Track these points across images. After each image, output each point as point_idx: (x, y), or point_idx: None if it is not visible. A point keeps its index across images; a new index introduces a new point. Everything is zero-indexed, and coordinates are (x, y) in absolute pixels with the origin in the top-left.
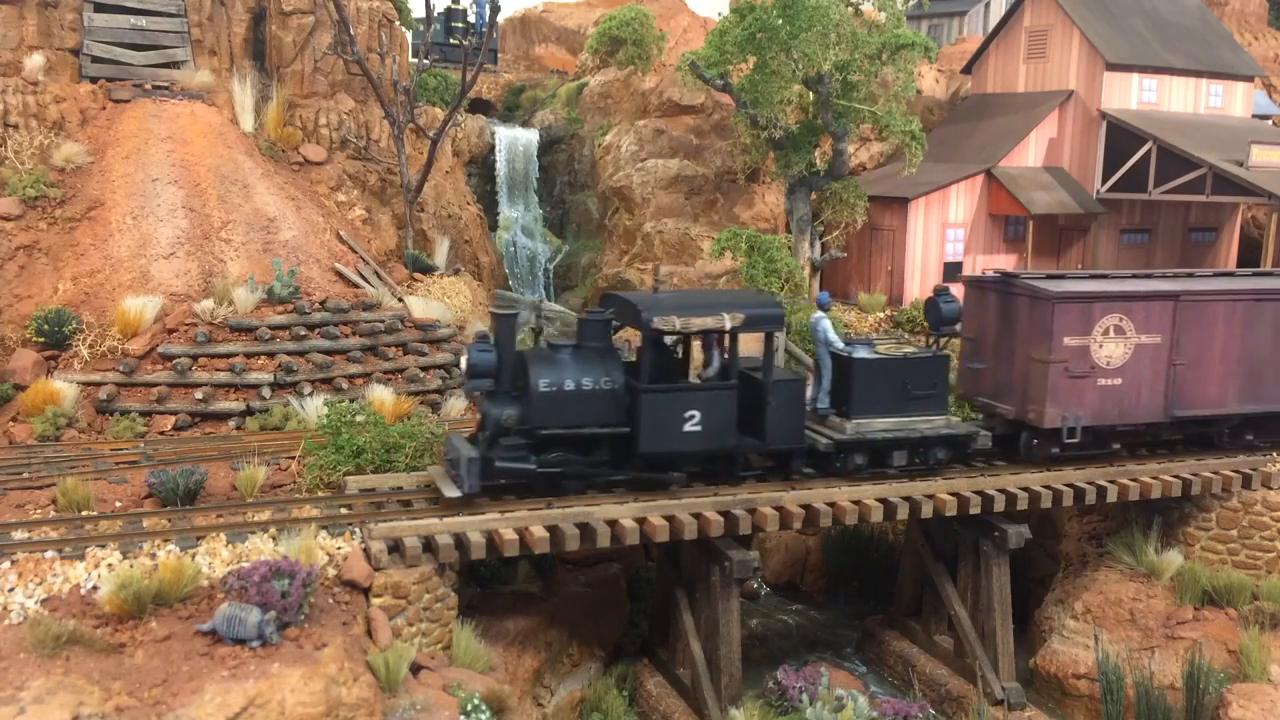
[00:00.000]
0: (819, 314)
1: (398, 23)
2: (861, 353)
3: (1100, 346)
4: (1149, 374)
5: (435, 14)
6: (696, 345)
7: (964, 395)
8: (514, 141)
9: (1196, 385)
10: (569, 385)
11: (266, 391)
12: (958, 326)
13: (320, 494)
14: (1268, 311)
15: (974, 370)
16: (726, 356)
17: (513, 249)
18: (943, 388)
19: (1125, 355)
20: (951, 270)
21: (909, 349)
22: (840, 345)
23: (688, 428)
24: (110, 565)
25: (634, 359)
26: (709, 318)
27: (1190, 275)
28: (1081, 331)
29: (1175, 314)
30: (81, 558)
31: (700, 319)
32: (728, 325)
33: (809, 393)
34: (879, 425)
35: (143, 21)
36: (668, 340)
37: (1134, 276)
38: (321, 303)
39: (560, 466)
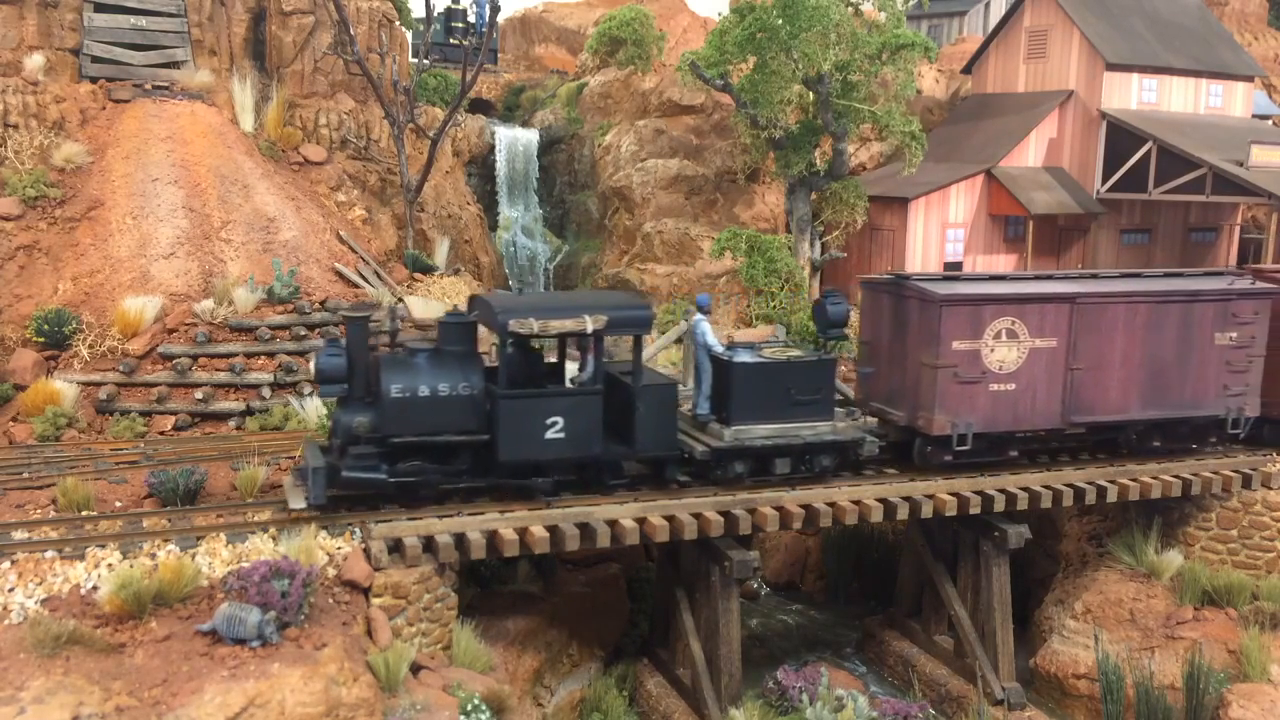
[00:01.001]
0: (698, 316)
1: (398, 23)
2: (743, 356)
3: (992, 351)
4: (1045, 379)
5: (435, 14)
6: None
7: (860, 401)
8: (514, 141)
9: (1096, 390)
10: (424, 391)
11: (266, 391)
12: (847, 330)
13: None
14: (1172, 314)
15: (867, 375)
16: (597, 360)
17: (513, 249)
18: (829, 393)
19: (1019, 360)
20: (952, 270)
21: (795, 353)
22: (719, 348)
23: (550, 435)
24: (110, 565)
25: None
26: (569, 320)
27: (1093, 277)
28: (971, 335)
29: (1072, 317)
30: (81, 558)
31: (560, 321)
32: (589, 328)
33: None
34: (760, 432)
35: (143, 21)
36: (535, 344)
37: (1031, 278)
38: (321, 303)
39: (415, 476)
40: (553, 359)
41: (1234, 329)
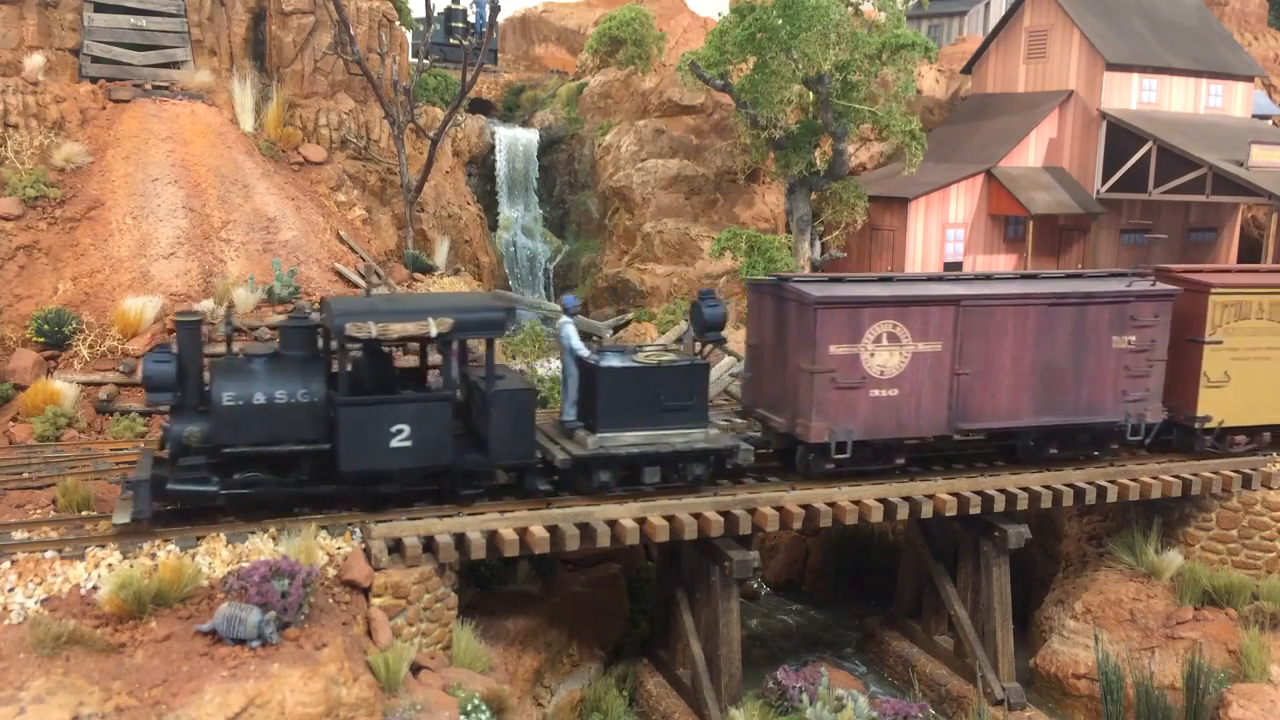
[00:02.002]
0: (564, 319)
1: (398, 23)
2: (610, 361)
3: (872, 355)
4: (929, 384)
5: (435, 14)
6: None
7: (746, 407)
8: (514, 141)
9: (985, 396)
10: (259, 398)
11: None
12: (724, 333)
13: None
14: (1065, 317)
15: (751, 379)
16: (447, 366)
17: (513, 249)
18: (702, 399)
19: (901, 364)
20: (952, 270)
21: (669, 357)
22: (585, 352)
23: (395, 443)
24: (110, 565)
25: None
26: (411, 323)
27: (984, 278)
28: (849, 339)
29: (957, 320)
30: (81, 558)
31: (401, 325)
32: (433, 331)
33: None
34: (627, 439)
35: (143, 21)
36: (385, 348)
37: (919, 280)
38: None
39: (250, 487)
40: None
41: (1132, 332)
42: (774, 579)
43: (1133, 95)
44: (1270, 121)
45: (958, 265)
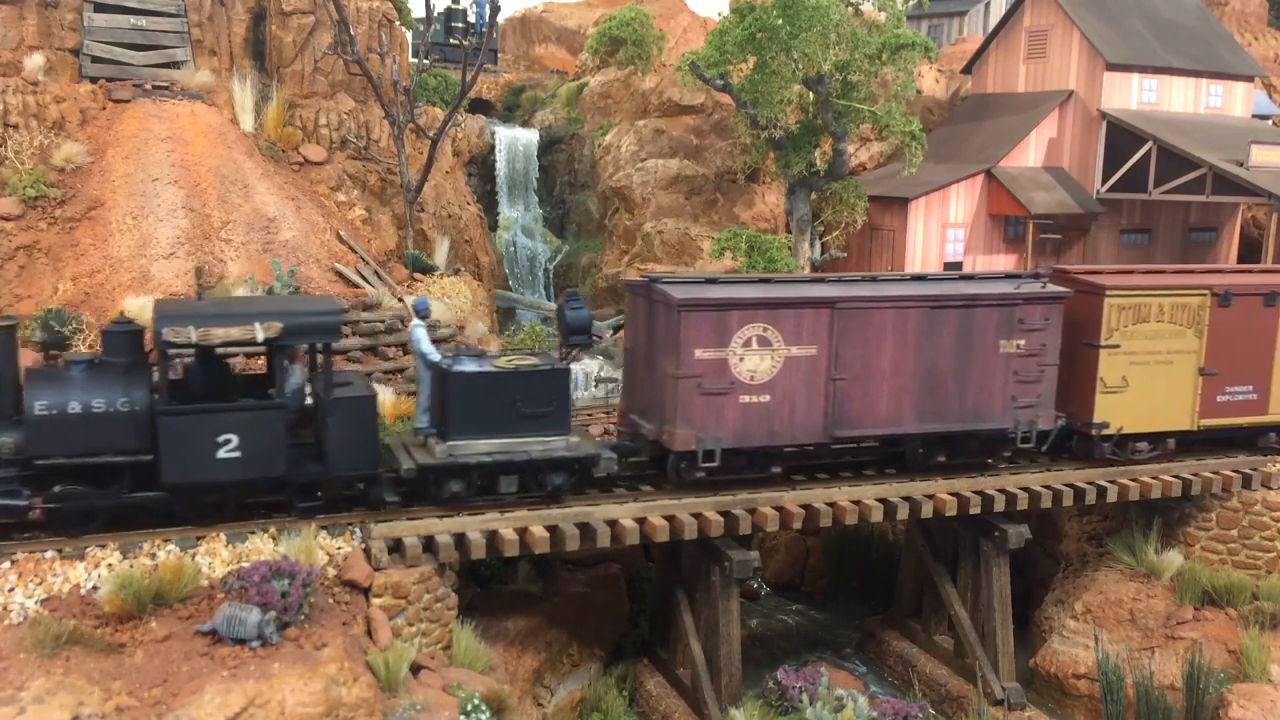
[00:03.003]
0: (415, 321)
1: (398, 23)
2: (465, 365)
3: (741, 360)
4: (804, 390)
5: (435, 14)
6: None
7: (622, 413)
8: (514, 141)
9: (864, 402)
10: (75, 407)
11: None
12: (592, 336)
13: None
14: (949, 320)
15: (627, 385)
16: (283, 373)
17: (513, 249)
18: (563, 404)
19: (773, 369)
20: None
21: (530, 362)
22: (436, 356)
23: (222, 454)
24: (110, 565)
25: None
26: (235, 328)
27: (866, 280)
28: (717, 343)
29: (833, 323)
30: (81, 558)
31: (224, 329)
32: (260, 336)
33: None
34: (480, 447)
35: (143, 21)
36: (218, 352)
37: (792, 281)
38: None
39: (64, 501)
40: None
41: (1021, 336)
42: (774, 579)
43: (1133, 95)
44: (1270, 121)
45: (958, 265)
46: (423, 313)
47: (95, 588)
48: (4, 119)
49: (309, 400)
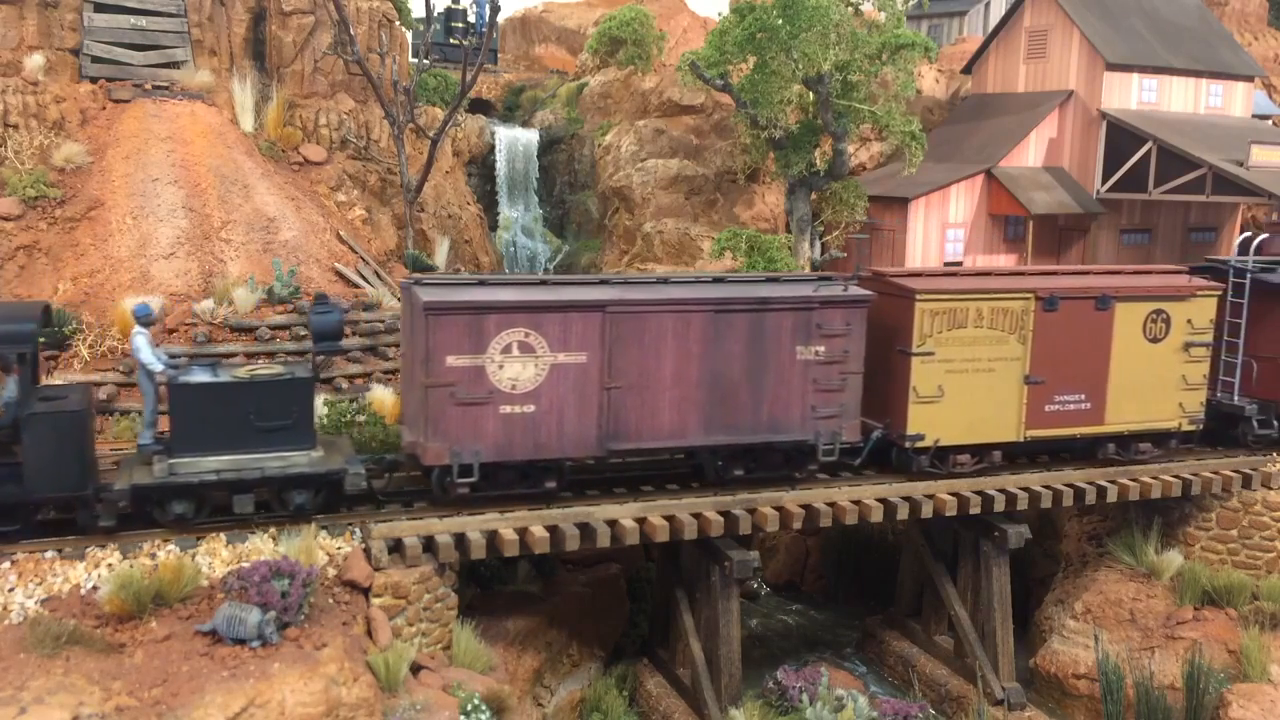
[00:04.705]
0: (136, 329)
1: (398, 23)
2: (195, 376)
3: (501, 367)
4: (574, 400)
5: (435, 14)
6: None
7: (398, 423)
8: (514, 141)
9: (642, 413)
10: None
11: None
12: (342, 342)
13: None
14: (737, 325)
15: (403, 394)
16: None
17: (513, 249)
18: (306, 416)
19: (537, 378)
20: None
21: (271, 370)
22: (158, 366)
23: None
24: (110, 565)
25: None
26: None
27: (656, 282)
28: (473, 349)
29: (605, 328)
30: (81, 558)
31: None
32: None
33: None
34: (209, 465)
35: (143, 21)
36: None
37: (560, 284)
38: None
39: None
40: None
41: (820, 342)
42: (774, 579)
43: (1133, 95)
44: (1270, 121)
45: (958, 265)
46: (144, 319)
47: (95, 588)
48: (4, 119)
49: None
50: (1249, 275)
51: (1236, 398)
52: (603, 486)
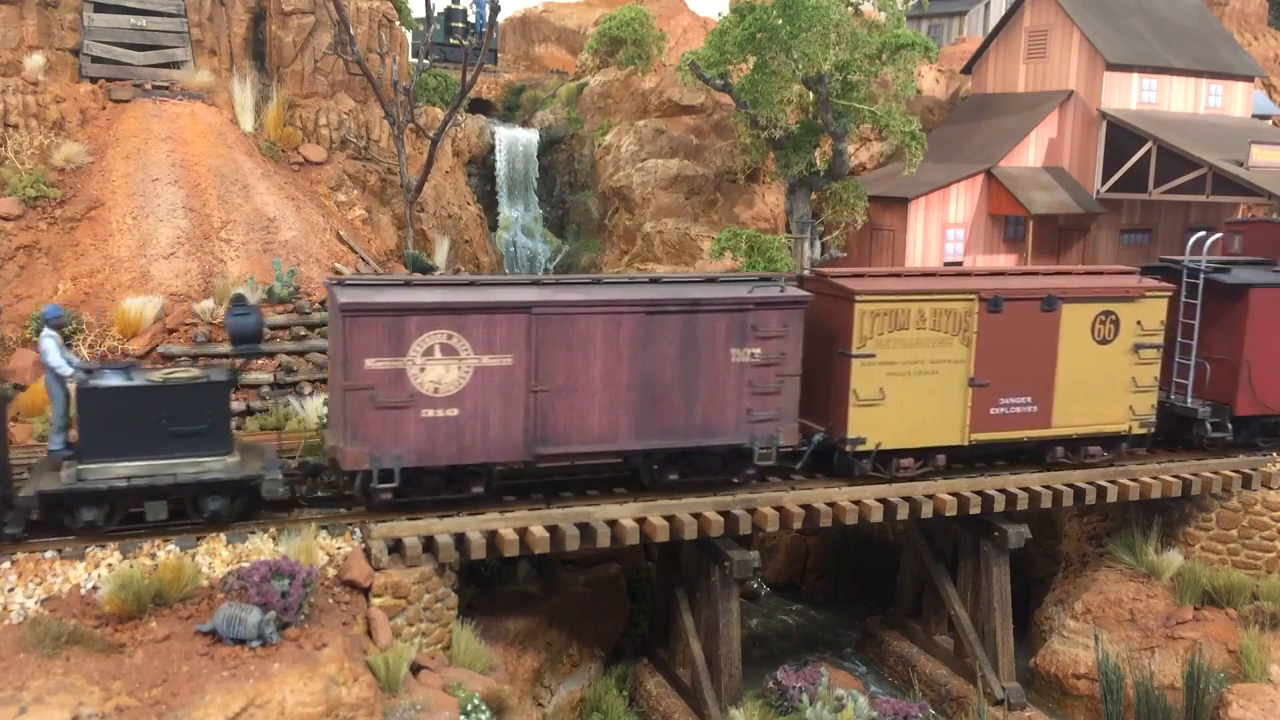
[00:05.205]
0: (45, 331)
1: (398, 23)
2: (105, 379)
3: (422, 370)
4: (499, 404)
5: (435, 14)
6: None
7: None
8: (514, 141)
9: (571, 417)
10: None
11: (266, 391)
12: (261, 345)
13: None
14: (669, 326)
15: (330, 397)
16: None
17: (513, 249)
18: (222, 421)
19: (461, 381)
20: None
21: (184, 374)
22: (68, 370)
23: None
24: (110, 565)
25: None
26: None
27: (587, 283)
28: (393, 351)
29: (531, 330)
30: (81, 558)
31: None
32: None
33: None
34: (119, 470)
35: (143, 21)
36: None
37: (485, 285)
38: (321, 303)
39: None
40: None
41: (756, 344)
42: (774, 579)
43: (1133, 95)
44: (1270, 121)
45: (958, 264)
46: (54, 320)
47: (95, 588)
48: (4, 119)
49: None
50: (1202, 275)
51: (1190, 400)
52: (524, 492)
